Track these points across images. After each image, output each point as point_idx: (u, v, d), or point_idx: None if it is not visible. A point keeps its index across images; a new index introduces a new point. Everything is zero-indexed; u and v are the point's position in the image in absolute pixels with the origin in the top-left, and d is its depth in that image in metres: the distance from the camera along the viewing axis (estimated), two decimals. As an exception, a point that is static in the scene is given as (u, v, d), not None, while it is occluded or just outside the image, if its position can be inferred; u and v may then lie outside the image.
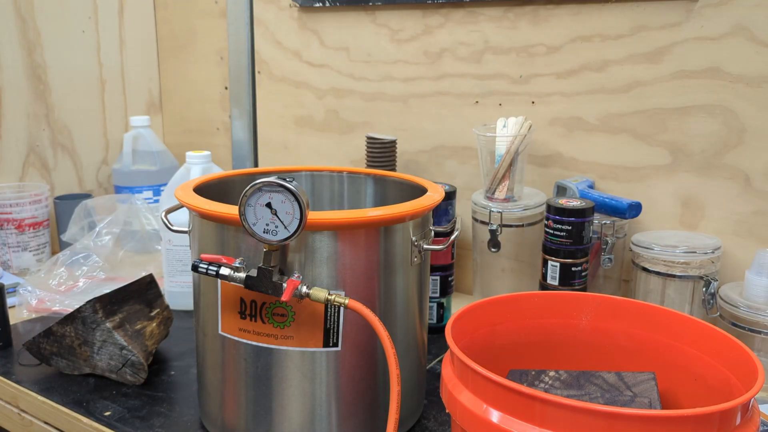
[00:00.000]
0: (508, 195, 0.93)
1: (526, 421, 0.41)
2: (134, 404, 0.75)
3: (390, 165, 1.07)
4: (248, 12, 1.29)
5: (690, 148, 0.91)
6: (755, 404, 0.44)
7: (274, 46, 1.28)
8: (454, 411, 0.47)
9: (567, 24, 0.97)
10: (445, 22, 1.08)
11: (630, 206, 0.88)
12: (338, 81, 1.21)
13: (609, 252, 0.90)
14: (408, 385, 0.68)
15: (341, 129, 1.23)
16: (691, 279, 0.83)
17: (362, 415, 0.65)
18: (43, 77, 1.25)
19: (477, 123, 0.99)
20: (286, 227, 0.55)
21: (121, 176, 1.33)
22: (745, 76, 0.86)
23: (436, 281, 0.94)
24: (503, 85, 1.04)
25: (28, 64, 1.23)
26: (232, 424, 0.66)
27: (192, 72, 1.43)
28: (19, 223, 1.16)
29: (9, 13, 1.19)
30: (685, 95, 0.90)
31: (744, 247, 0.88)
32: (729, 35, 0.86)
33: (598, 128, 0.97)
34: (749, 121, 0.86)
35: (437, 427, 0.71)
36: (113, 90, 1.39)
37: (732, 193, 0.89)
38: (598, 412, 0.39)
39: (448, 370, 0.49)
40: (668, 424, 0.39)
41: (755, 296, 0.76)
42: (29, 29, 1.22)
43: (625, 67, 0.94)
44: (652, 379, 0.55)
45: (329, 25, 1.20)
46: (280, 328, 0.60)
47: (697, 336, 0.54)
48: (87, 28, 1.32)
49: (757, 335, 0.75)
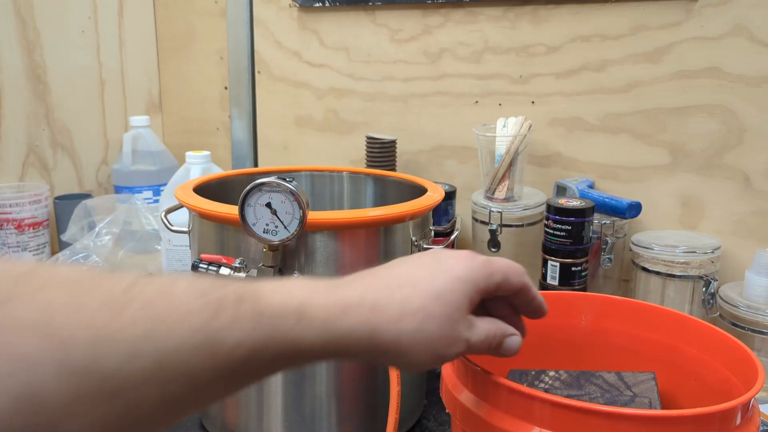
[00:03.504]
0: (508, 195, 0.92)
1: (526, 421, 0.41)
2: (134, 404, 0.75)
3: (390, 165, 1.07)
4: (248, 12, 1.29)
5: (690, 148, 0.91)
6: (755, 404, 0.44)
7: (273, 46, 1.28)
8: (454, 411, 0.47)
9: (567, 24, 0.97)
10: (444, 22, 1.08)
11: (630, 206, 0.88)
12: (338, 81, 1.21)
13: (609, 252, 0.90)
14: (408, 385, 0.68)
15: (341, 129, 1.23)
16: (691, 279, 0.83)
17: (362, 415, 0.65)
18: (42, 77, 1.25)
19: (477, 123, 0.99)
20: (286, 227, 0.55)
21: (121, 176, 1.33)
22: (745, 76, 0.86)
23: (436, 281, 0.94)
24: (503, 85, 1.04)
25: (28, 64, 1.23)
26: (232, 424, 0.65)
27: (192, 72, 1.43)
28: (18, 223, 1.16)
29: (9, 14, 1.19)
30: (685, 95, 0.90)
31: (744, 247, 0.88)
32: (729, 35, 0.86)
33: (597, 128, 0.97)
34: (749, 121, 0.86)
35: (437, 427, 0.71)
36: (113, 90, 1.39)
37: (732, 193, 0.89)
38: (598, 412, 0.39)
39: (448, 370, 0.49)
40: (668, 424, 0.39)
41: (755, 296, 0.76)
42: (29, 29, 1.22)
43: (625, 67, 0.94)
44: (651, 378, 0.55)
45: (329, 25, 1.20)
46: (280, 328, 0.60)
47: (697, 336, 0.54)
48: (87, 28, 1.32)
49: (757, 335, 0.75)
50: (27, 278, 0.26)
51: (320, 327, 0.32)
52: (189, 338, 0.28)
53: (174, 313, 0.28)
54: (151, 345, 0.27)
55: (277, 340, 0.31)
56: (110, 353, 0.26)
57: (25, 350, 0.24)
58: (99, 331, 0.25)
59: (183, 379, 0.28)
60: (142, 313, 0.27)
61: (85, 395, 0.25)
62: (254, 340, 0.30)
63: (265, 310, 0.31)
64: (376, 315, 0.34)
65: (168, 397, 0.28)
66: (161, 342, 0.27)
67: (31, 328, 0.24)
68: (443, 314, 0.36)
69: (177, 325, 0.28)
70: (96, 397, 0.25)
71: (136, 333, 0.26)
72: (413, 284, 0.36)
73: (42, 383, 0.24)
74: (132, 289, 0.27)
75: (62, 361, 0.24)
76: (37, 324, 0.24)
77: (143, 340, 0.26)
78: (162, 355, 0.27)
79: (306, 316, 0.32)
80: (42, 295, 0.25)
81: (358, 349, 0.34)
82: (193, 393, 0.29)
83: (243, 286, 0.31)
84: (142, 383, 0.26)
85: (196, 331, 0.28)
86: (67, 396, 0.24)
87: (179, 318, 0.28)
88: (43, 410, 0.24)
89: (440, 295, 0.36)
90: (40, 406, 0.24)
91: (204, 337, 0.28)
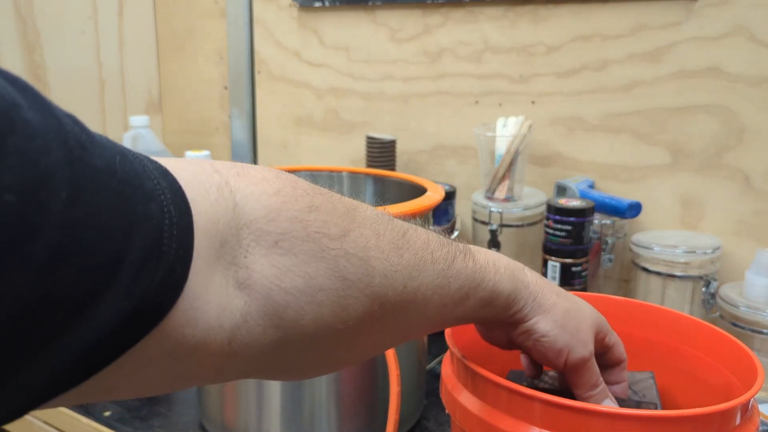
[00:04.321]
0: (508, 195, 0.92)
1: (526, 421, 0.41)
2: (134, 404, 0.75)
3: (390, 165, 1.07)
4: (248, 12, 1.29)
5: (690, 148, 0.91)
6: (755, 404, 0.44)
7: (273, 45, 1.28)
8: (454, 411, 0.47)
9: (567, 24, 0.97)
10: (445, 22, 1.08)
11: (630, 206, 0.88)
12: (338, 81, 1.21)
13: (609, 252, 0.90)
14: (408, 386, 0.68)
15: (341, 129, 1.23)
16: (691, 279, 0.83)
17: (362, 415, 0.65)
18: (42, 77, 1.25)
19: (477, 123, 0.99)
20: (286, 227, 0.54)
21: (121, 176, 1.33)
22: (745, 76, 0.86)
23: (436, 281, 0.94)
24: (503, 85, 1.04)
25: (28, 64, 1.23)
26: (232, 424, 0.65)
27: (191, 72, 1.43)
28: (18, 223, 1.16)
29: (9, 14, 1.19)
30: (685, 95, 0.90)
31: (744, 247, 0.88)
32: (729, 35, 0.86)
33: (598, 128, 0.97)
34: (749, 121, 0.86)
35: (437, 427, 0.71)
36: (113, 90, 1.39)
37: (732, 193, 0.89)
38: (598, 413, 0.39)
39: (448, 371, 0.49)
40: (668, 424, 0.39)
41: (755, 296, 0.76)
42: (29, 30, 1.22)
43: (625, 67, 0.94)
44: (651, 378, 0.55)
45: (329, 25, 1.20)
46: (279, 328, 0.60)
47: (697, 336, 0.54)
48: (87, 28, 1.32)
49: (757, 335, 0.75)
50: (353, 216, 0.33)
51: (510, 277, 0.42)
52: (434, 279, 0.36)
53: (429, 259, 0.36)
54: (415, 282, 0.35)
55: (484, 285, 0.40)
56: (393, 284, 0.34)
57: (350, 271, 0.31)
58: (391, 267, 0.33)
59: (424, 307, 0.36)
60: (413, 257, 0.35)
61: (373, 312, 0.33)
62: (470, 284, 0.39)
63: (476, 263, 0.40)
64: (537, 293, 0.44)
65: (409, 320, 0.37)
66: (421, 279, 0.35)
67: (357, 257, 0.31)
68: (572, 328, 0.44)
69: (431, 267, 0.36)
70: (377, 315, 0.33)
71: (410, 271, 0.35)
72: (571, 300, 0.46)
73: (352, 301, 0.31)
74: (406, 236, 0.36)
75: (368, 284, 0.32)
76: (359, 254, 0.32)
77: (411, 278, 0.35)
78: (418, 289, 0.35)
79: (499, 269, 0.42)
80: (362, 232, 0.32)
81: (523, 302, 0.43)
82: (422, 324, 0.39)
83: (464, 244, 0.41)
84: (405, 309, 0.35)
85: (439, 274, 0.37)
86: (363, 311, 0.32)
87: (432, 262, 0.36)
88: (351, 319, 0.32)
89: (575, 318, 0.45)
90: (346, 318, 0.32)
91: (443, 280, 0.37)
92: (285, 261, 0.29)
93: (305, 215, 0.30)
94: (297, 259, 0.29)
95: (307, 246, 0.29)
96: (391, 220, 0.36)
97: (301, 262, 0.29)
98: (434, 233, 0.39)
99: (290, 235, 0.29)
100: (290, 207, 0.30)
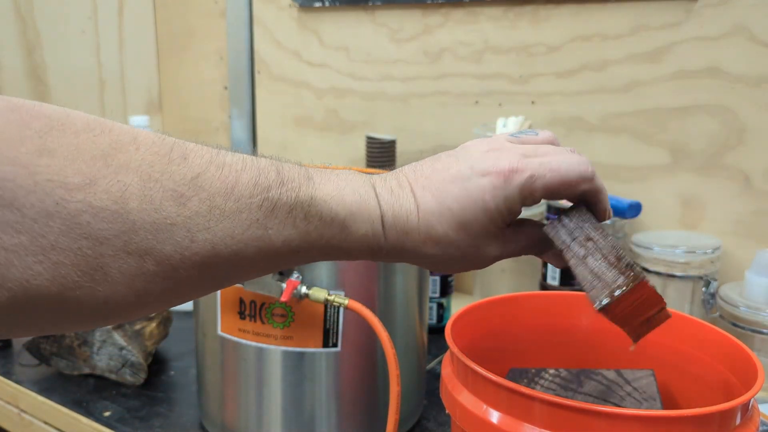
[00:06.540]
0: (507, 195, 0.92)
1: (525, 421, 0.41)
2: (134, 404, 0.75)
3: (390, 165, 1.07)
4: (248, 12, 1.29)
5: (690, 148, 0.91)
6: (755, 404, 0.44)
7: (273, 45, 1.28)
8: (454, 411, 0.47)
9: (567, 24, 0.97)
10: (444, 22, 1.08)
11: (630, 206, 0.88)
12: (338, 81, 1.21)
13: (609, 252, 0.89)
14: (408, 386, 0.68)
15: (341, 129, 1.23)
16: (691, 279, 0.83)
17: (362, 416, 0.65)
18: (43, 77, 1.25)
19: (477, 123, 0.99)
20: (286, 227, 0.54)
21: (121, 176, 1.33)
22: (745, 76, 0.86)
23: (435, 281, 0.94)
24: (503, 85, 1.04)
25: (28, 64, 1.23)
26: (232, 424, 0.65)
27: (191, 72, 1.43)
28: (18, 223, 1.16)
29: (9, 14, 1.19)
30: (685, 95, 0.90)
31: (744, 247, 0.88)
32: (729, 35, 0.86)
33: (598, 128, 0.97)
34: (749, 121, 0.86)
35: (437, 427, 0.71)
36: (113, 90, 1.39)
37: (732, 193, 0.89)
38: (598, 413, 0.39)
39: (447, 371, 0.49)
40: (668, 424, 0.39)
41: (755, 296, 0.76)
42: (29, 30, 1.22)
43: (625, 67, 0.94)
44: (651, 375, 0.55)
45: (329, 25, 1.20)
46: (279, 328, 0.60)
47: (697, 336, 0.54)
48: (86, 28, 1.32)
49: (757, 335, 0.75)
50: (109, 160, 0.28)
51: (359, 239, 0.36)
52: (244, 231, 0.31)
53: (233, 206, 0.31)
54: (208, 235, 0.30)
55: (322, 244, 0.35)
56: (170, 239, 0.29)
57: (97, 228, 0.27)
58: (164, 220, 0.29)
59: (232, 263, 0.32)
60: (203, 206, 0.30)
61: (145, 273, 0.29)
62: (301, 241, 0.34)
63: (314, 218, 0.34)
64: (405, 237, 0.38)
65: (216, 276, 0.32)
66: (218, 232, 0.30)
67: (108, 210, 0.27)
68: (466, 241, 0.38)
69: (235, 217, 0.31)
70: (153, 275, 0.29)
71: (196, 222, 0.30)
72: (441, 211, 0.38)
73: (108, 259, 0.28)
74: (198, 179, 0.30)
75: (127, 240, 0.28)
76: (111, 208, 0.27)
77: (202, 230, 0.30)
78: (217, 243, 0.30)
79: (348, 229, 0.36)
80: (121, 179, 0.28)
81: (389, 258, 0.39)
82: (239, 274, 0.34)
83: (301, 187, 0.34)
84: (197, 266, 0.30)
85: (250, 225, 0.31)
86: (128, 272, 0.28)
87: (237, 210, 0.31)
88: (107, 282, 0.28)
89: (466, 225, 0.38)
90: (104, 278, 0.28)
91: (257, 231, 0.32)
92: (6, 214, 0.26)
93: (33, 159, 0.26)
94: (19, 213, 0.26)
95: (34, 198, 0.26)
96: (179, 162, 0.30)
97: (26, 217, 0.26)
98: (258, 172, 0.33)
99: (13, 183, 0.26)
100: (13, 149, 0.26)
